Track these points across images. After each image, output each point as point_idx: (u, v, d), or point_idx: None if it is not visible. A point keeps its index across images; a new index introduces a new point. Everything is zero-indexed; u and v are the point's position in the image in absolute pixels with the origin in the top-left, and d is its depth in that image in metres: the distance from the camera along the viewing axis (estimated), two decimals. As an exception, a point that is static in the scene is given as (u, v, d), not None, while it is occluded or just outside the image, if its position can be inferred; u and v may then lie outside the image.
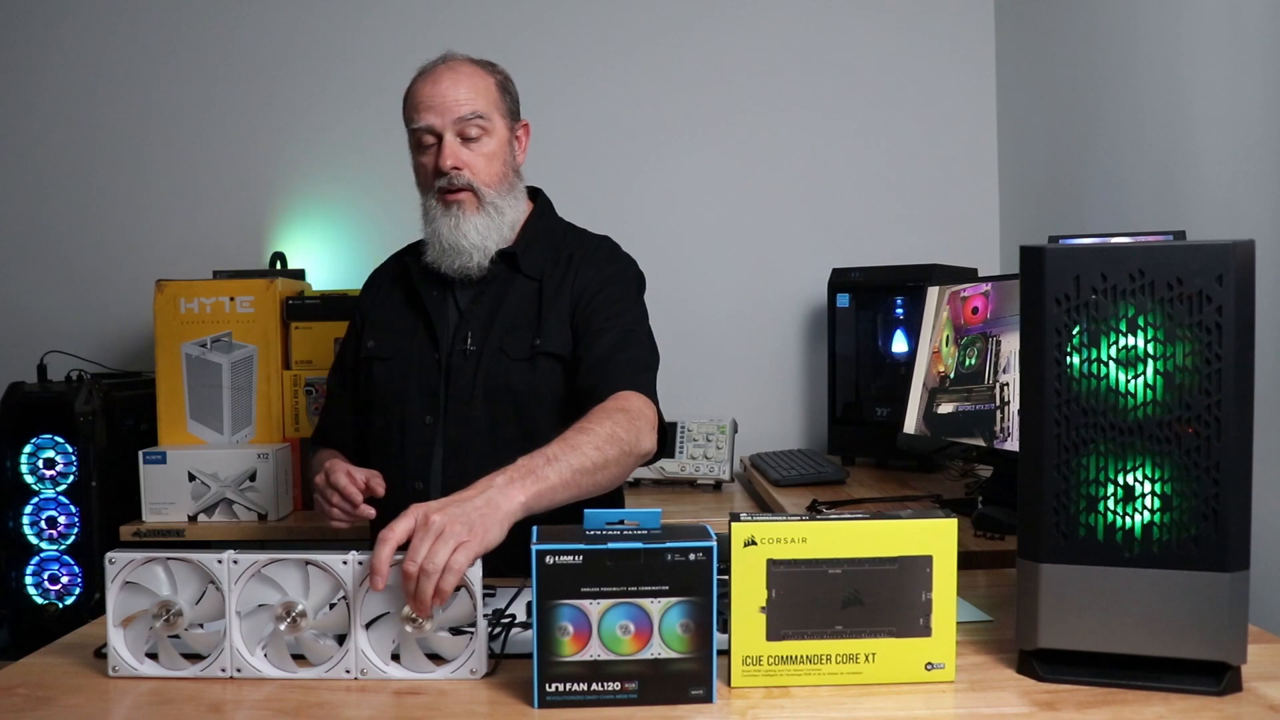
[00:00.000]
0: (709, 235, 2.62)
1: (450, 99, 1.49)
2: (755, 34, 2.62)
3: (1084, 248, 0.97)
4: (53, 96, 2.62)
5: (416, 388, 1.52)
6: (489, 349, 1.50)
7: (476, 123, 1.49)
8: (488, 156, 1.52)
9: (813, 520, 0.99)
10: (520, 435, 1.46)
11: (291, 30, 2.62)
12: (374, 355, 1.57)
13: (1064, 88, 2.23)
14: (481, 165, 1.51)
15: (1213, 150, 1.63)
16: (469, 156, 1.50)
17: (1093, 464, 0.96)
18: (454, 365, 1.51)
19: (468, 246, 1.50)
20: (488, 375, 1.49)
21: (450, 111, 1.48)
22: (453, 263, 1.52)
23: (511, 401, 1.49)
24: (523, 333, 1.51)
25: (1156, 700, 0.94)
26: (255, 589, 1.02)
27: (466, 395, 1.49)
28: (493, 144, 1.52)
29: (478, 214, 1.51)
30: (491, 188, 1.52)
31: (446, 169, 1.48)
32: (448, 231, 1.50)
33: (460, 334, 1.52)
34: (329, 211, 2.63)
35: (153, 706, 0.98)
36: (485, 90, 1.52)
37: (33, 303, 2.62)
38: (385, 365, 1.56)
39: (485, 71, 1.54)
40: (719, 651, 0.98)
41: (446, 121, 1.49)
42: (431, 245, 1.54)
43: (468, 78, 1.51)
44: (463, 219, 1.50)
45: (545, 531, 0.97)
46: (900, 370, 2.18)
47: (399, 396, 1.53)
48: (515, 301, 1.54)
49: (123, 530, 2.06)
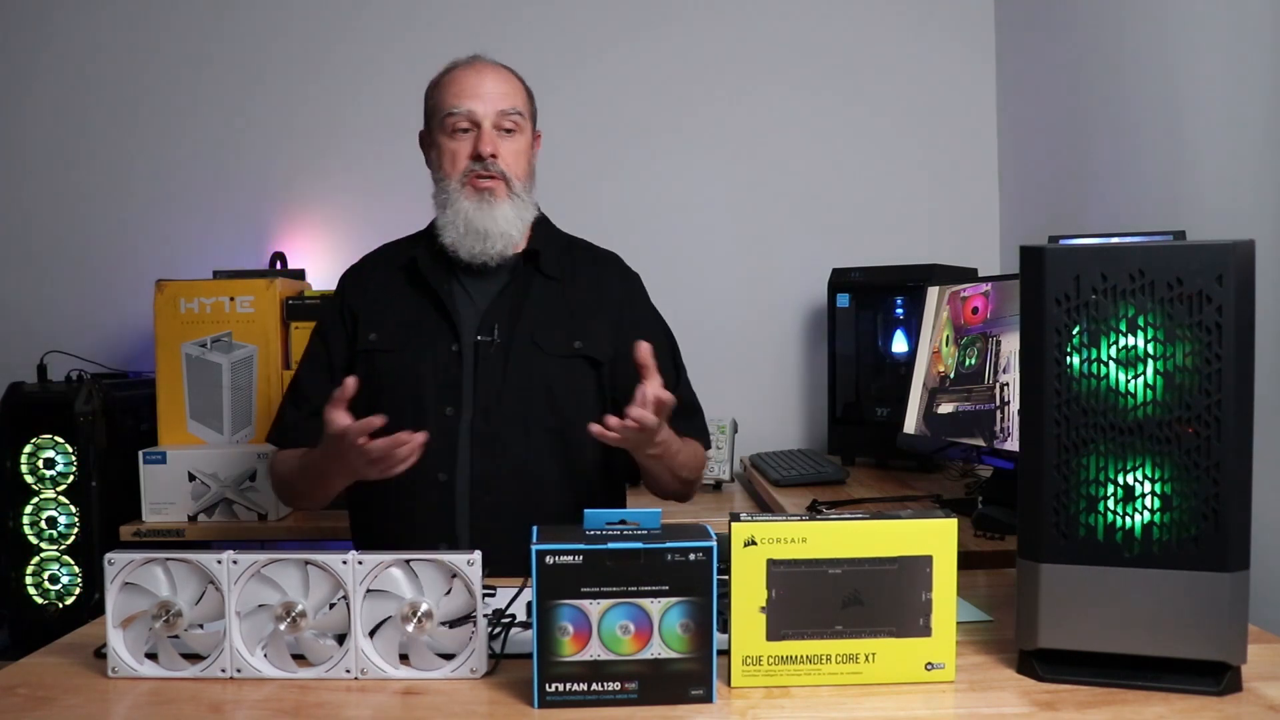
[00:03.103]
0: (709, 235, 2.63)
1: (495, 91, 1.54)
2: (755, 34, 2.62)
3: (1084, 248, 0.97)
4: (52, 96, 2.62)
5: (432, 379, 1.51)
6: (518, 342, 1.52)
7: (514, 117, 1.55)
8: (518, 152, 1.56)
9: (813, 520, 0.98)
10: (553, 427, 1.51)
11: (292, 30, 2.62)
12: (377, 347, 1.56)
13: (1064, 87, 2.23)
14: (513, 159, 1.55)
15: (1213, 150, 1.63)
16: (504, 147, 1.54)
17: (1093, 464, 0.96)
18: (480, 357, 1.52)
19: (495, 232, 1.52)
20: (520, 368, 1.51)
21: (494, 102, 1.53)
22: (473, 247, 1.53)
23: (546, 395, 1.52)
24: (557, 331, 1.55)
25: (1156, 700, 0.94)
26: (255, 589, 1.02)
27: (496, 387, 1.50)
28: (523, 141, 1.57)
29: (507, 202, 1.54)
30: (520, 181, 1.56)
31: (486, 155, 1.52)
32: (477, 216, 1.52)
33: (485, 325, 1.53)
34: (329, 211, 2.63)
35: (152, 707, 0.98)
36: (521, 91, 1.59)
37: (33, 303, 2.61)
38: (392, 357, 1.54)
39: (519, 77, 1.62)
40: (719, 651, 0.97)
41: (489, 110, 1.53)
42: (452, 228, 1.53)
43: (509, 76, 1.59)
44: (495, 204, 1.52)
45: (545, 531, 0.97)
46: (900, 370, 2.18)
47: (411, 388, 1.51)
48: (540, 299, 1.56)
49: (123, 530, 2.06)
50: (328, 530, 2.03)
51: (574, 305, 1.58)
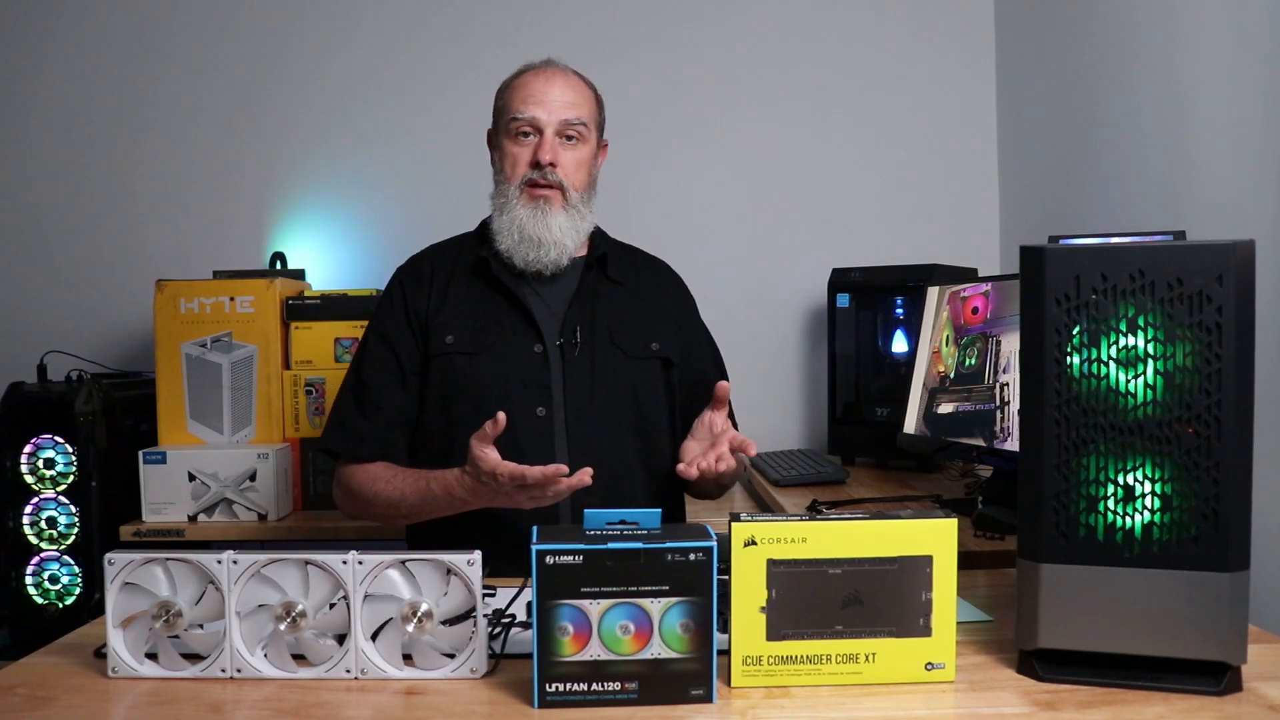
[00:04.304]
0: (709, 235, 2.62)
1: (561, 99, 1.54)
2: (755, 34, 2.62)
3: (1084, 248, 0.97)
4: (52, 96, 2.62)
5: (519, 381, 1.51)
6: (599, 344, 1.54)
7: (578, 128, 1.55)
8: (579, 162, 1.56)
9: (813, 520, 0.99)
10: (636, 427, 1.55)
11: (293, 31, 2.62)
12: (456, 350, 1.53)
13: (1064, 88, 2.23)
14: (573, 169, 1.55)
15: (1213, 150, 1.63)
16: (565, 157, 1.54)
17: (1093, 464, 0.96)
18: (566, 358, 1.52)
19: (549, 241, 1.53)
20: (605, 369, 1.53)
21: (559, 111, 1.54)
22: (527, 254, 1.53)
23: (630, 395, 1.54)
24: (633, 333, 1.57)
25: (1156, 700, 0.94)
26: (255, 589, 1.02)
27: (586, 388, 1.52)
28: (585, 152, 1.57)
29: (563, 212, 1.54)
30: (578, 192, 1.56)
31: (545, 163, 1.52)
32: (532, 224, 1.52)
33: (567, 327, 1.54)
34: (329, 211, 2.63)
35: (152, 707, 0.98)
36: (589, 100, 1.59)
37: (33, 303, 2.61)
38: (473, 360, 1.52)
39: (589, 85, 1.61)
40: (719, 651, 0.97)
41: (553, 118, 1.53)
42: (506, 234, 1.54)
43: (578, 85, 1.58)
44: (550, 213, 1.53)
45: (545, 531, 0.97)
46: (900, 370, 2.18)
47: (498, 390, 1.49)
48: (612, 302, 1.59)
49: (123, 530, 2.06)
50: (328, 530, 2.03)
51: (641, 308, 1.61)
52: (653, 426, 1.57)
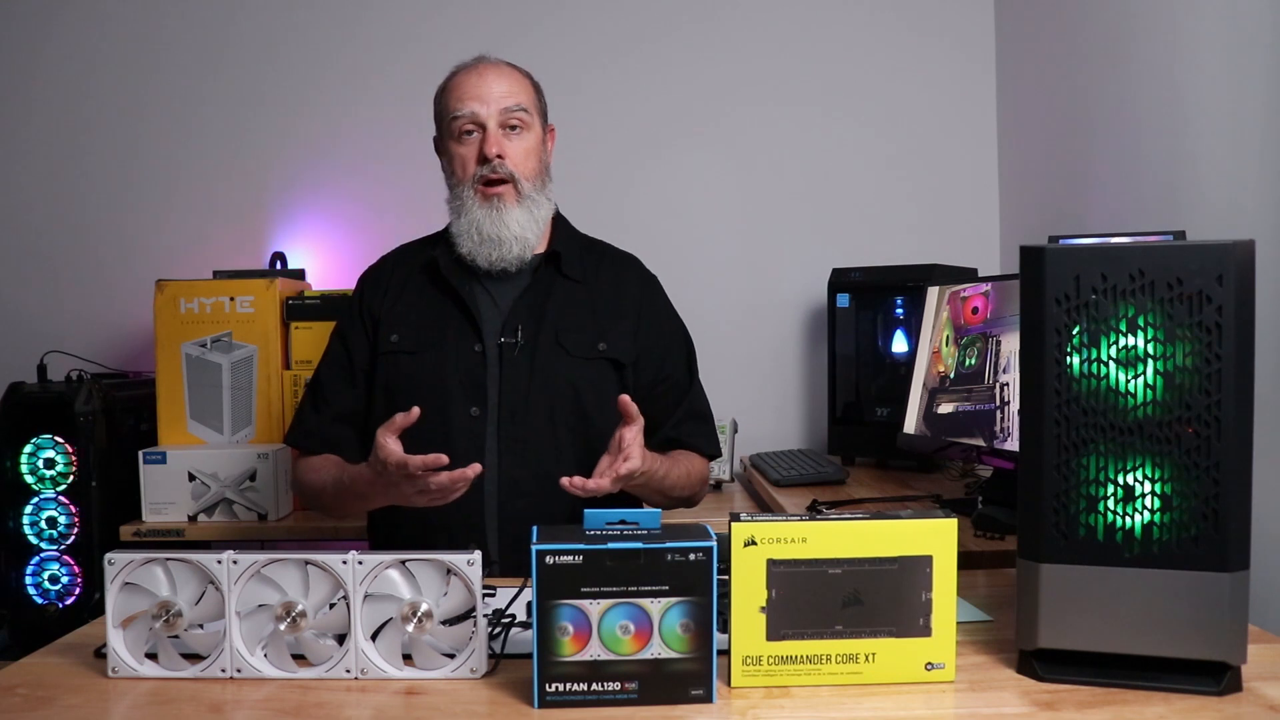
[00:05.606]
0: (709, 235, 2.63)
1: (496, 90, 1.53)
2: (755, 34, 2.62)
3: (1084, 248, 0.97)
4: (52, 96, 2.62)
5: (457, 380, 1.51)
6: (543, 344, 1.52)
7: (519, 115, 1.54)
8: (527, 151, 1.55)
9: (813, 520, 0.98)
10: (576, 429, 1.52)
11: (293, 31, 2.62)
12: (399, 349, 1.55)
13: (1064, 88, 2.23)
14: (521, 158, 1.54)
15: (1213, 150, 1.63)
16: (511, 147, 1.53)
17: (1093, 464, 0.96)
18: (505, 358, 1.51)
19: (509, 238, 1.52)
20: (545, 370, 1.51)
21: (496, 102, 1.52)
22: (490, 254, 1.53)
23: (572, 397, 1.52)
24: (581, 333, 1.55)
25: (1156, 700, 0.94)
26: (255, 589, 1.02)
27: (522, 388, 1.51)
28: (531, 139, 1.56)
29: (518, 206, 1.53)
30: (529, 181, 1.55)
31: (491, 156, 1.51)
32: (489, 224, 1.52)
33: (509, 327, 1.53)
34: (329, 211, 2.63)
35: (152, 707, 0.98)
36: (525, 87, 1.58)
37: (33, 303, 2.62)
38: (415, 359, 1.54)
39: (523, 72, 1.60)
40: (719, 651, 0.98)
41: (492, 111, 1.52)
42: (466, 237, 1.54)
43: (510, 74, 1.57)
44: (504, 210, 1.52)
45: (545, 531, 0.97)
46: (900, 370, 2.18)
47: (436, 389, 1.50)
48: (563, 300, 1.56)
49: (123, 530, 2.06)
50: (328, 530, 2.03)
51: (596, 307, 1.58)
52: (596, 427, 1.51)
